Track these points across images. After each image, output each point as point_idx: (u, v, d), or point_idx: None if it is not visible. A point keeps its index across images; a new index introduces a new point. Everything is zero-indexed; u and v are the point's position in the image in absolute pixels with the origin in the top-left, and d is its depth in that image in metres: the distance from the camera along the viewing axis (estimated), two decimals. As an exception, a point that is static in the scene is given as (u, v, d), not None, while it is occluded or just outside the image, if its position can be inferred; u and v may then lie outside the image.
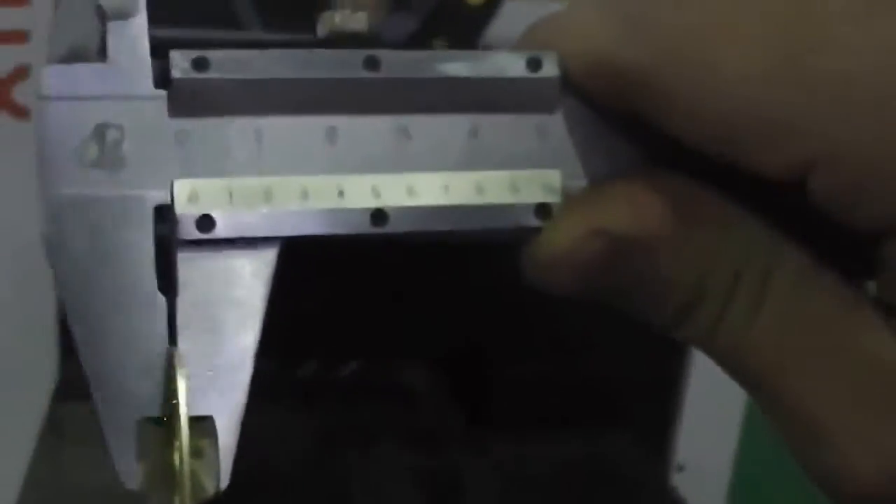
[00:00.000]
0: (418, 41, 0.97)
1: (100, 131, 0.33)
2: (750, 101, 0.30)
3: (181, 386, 0.32)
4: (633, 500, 0.72)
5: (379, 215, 0.33)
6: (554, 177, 0.33)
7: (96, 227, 0.32)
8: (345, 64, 0.33)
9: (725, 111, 0.30)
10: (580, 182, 0.34)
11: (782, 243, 0.32)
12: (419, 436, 0.68)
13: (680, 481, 0.77)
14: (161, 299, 0.32)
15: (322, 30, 0.34)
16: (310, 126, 0.34)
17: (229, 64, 0.33)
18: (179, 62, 0.32)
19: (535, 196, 0.33)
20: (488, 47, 0.95)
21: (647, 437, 0.78)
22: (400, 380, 0.70)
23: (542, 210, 0.33)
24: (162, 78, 0.33)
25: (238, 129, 0.33)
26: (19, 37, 0.76)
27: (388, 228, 0.33)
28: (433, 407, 0.70)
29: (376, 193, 0.33)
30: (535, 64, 0.33)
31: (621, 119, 0.33)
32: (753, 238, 0.32)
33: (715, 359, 0.33)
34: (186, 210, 0.32)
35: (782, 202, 0.31)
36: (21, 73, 0.76)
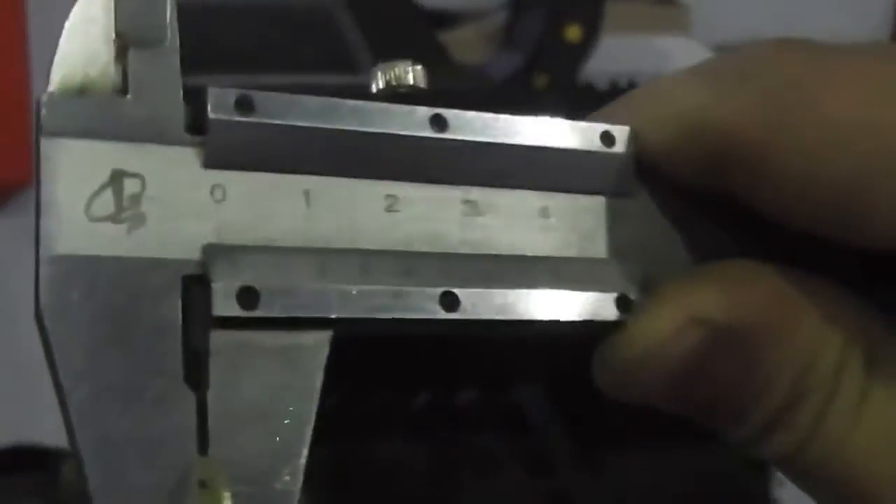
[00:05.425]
0: (523, 77, 1.01)
1: (116, 180, 0.27)
2: (872, 161, 0.26)
3: None
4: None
5: (449, 298, 0.28)
6: (634, 267, 0.30)
7: (107, 298, 0.26)
8: (409, 120, 0.29)
9: (838, 170, 0.27)
10: (662, 272, 0.30)
11: (885, 324, 0.29)
12: (532, 459, 0.69)
13: (782, 494, 0.76)
14: (189, 394, 0.26)
15: (377, 83, 0.30)
16: (367, 190, 0.29)
17: (279, 107, 0.28)
18: (219, 101, 0.27)
19: (615, 286, 0.29)
20: (589, 82, 0.99)
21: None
22: (512, 404, 0.71)
23: (623, 302, 0.29)
24: (196, 120, 0.28)
25: (285, 187, 0.28)
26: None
27: (458, 314, 0.28)
28: (544, 429, 0.71)
29: (445, 273, 0.29)
30: (609, 138, 0.30)
31: (708, 203, 0.30)
32: (857, 322, 0.29)
33: (803, 478, 0.29)
34: (223, 281, 0.26)
35: (882, 279, 0.29)
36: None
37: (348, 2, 1.00)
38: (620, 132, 0.30)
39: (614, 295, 0.29)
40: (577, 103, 1.01)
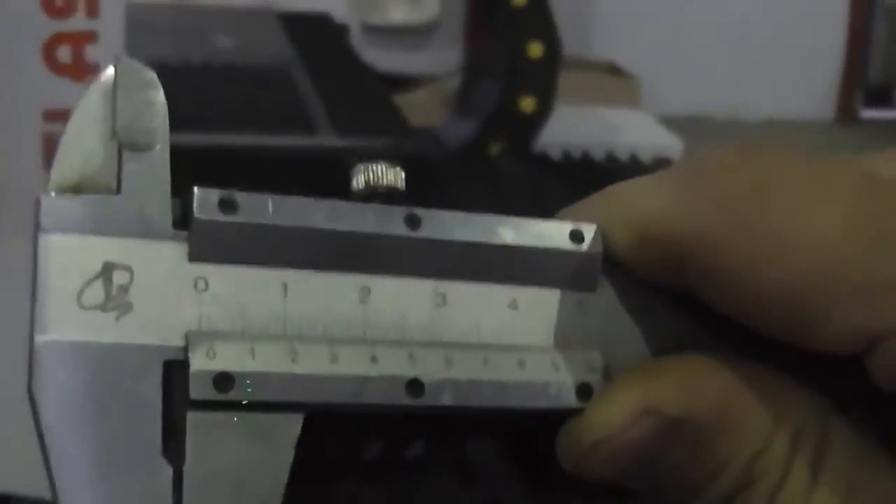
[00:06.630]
0: (477, 145, 1.02)
1: (106, 272, 0.29)
2: (821, 269, 0.28)
3: None
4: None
5: (415, 386, 0.30)
6: (595, 357, 0.31)
7: (94, 380, 0.28)
8: (384, 219, 0.31)
9: (790, 278, 0.28)
10: (623, 362, 0.31)
11: (835, 414, 0.30)
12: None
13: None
14: (167, 468, 0.28)
15: (357, 183, 0.32)
16: (342, 284, 0.30)
17: (259, 208, 0.30)
18: (204, 201, 0.29)
19: (576, 375, 0.31)
20: (543, 151, 1.01)
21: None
22: (462, 454, 0.72)
23: (583, 390, 0.31)
24: (182, 218, 0.29)
25: (263, 280, 0.30)
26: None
27: (423, 401, 0.30)
28: (495, 478, 0.72)
29: (412, 361, 0.30)
30: (578, 236, 0.32)
31: (667, 296, 0.31)
32: (808, 412, 0.30)
33: None
34: (201, 366, 0.28)
35: (833, 372, 0.30)
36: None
37: (305, 64, 1.01)
38: (588, 230, 0.32)
39: (576, 383, 0.31)
40: (533, 172, 1.02)
